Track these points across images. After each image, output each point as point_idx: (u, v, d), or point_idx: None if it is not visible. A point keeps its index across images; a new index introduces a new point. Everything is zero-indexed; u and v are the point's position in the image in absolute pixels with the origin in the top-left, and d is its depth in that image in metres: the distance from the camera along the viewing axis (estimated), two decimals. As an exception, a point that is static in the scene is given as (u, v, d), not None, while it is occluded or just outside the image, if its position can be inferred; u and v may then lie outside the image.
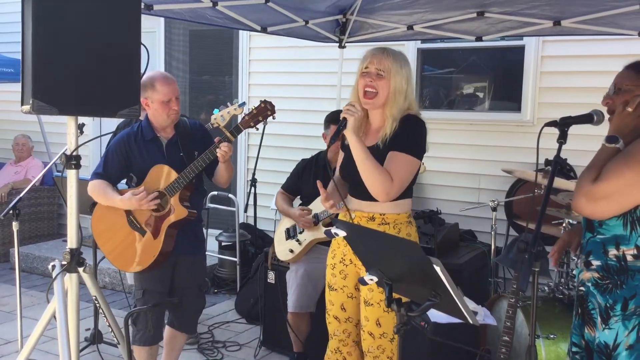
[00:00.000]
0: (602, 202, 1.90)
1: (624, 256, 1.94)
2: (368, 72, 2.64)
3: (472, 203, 4.94)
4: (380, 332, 2.66)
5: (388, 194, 2.56)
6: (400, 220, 2.69)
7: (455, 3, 4.06)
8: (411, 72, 2.72)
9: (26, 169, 6.92)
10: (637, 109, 2.01)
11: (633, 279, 1.92)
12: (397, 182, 2.56)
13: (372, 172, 2.55)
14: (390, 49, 2.69)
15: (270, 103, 3.12)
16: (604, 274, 1.99)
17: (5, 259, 6.60)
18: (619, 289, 1.94)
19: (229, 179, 3.33)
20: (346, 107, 2.58)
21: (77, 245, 2.38)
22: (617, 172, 1.88)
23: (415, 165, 2.64)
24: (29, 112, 2.12)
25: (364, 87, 2.63)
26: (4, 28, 7.28)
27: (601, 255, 2.00)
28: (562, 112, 2.23)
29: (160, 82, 3.16)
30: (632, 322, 1.90)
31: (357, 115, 2.56)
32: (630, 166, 1.87)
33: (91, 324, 4.19)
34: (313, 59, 5.81)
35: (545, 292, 3.53)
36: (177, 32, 6.88)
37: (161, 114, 3.20)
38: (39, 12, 2.07)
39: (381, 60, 2.62)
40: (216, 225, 6.12)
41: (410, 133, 2.63)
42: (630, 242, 1.92)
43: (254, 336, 4.59)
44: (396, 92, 2.61)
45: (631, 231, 1.92)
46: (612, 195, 1.89)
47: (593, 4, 3.69)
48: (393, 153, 2.60)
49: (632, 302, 1.91)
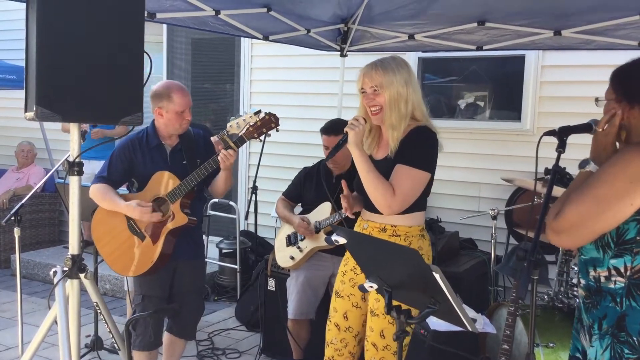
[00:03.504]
0: (564, 235, 1.87)
1: (599, 277, 1.93)
2: (365, 92, 2.65)
3: (473, 211, 4.96)
4: (383, 344, 2.64)
5: (390, 206, 2.56)
6: (412, 233, 2.66)
7: (456, 14, 4.09)
8: (411, 75, 2.66)
9: (28, 176, 6.93)
10: (607, 128, 1.95)
11: (605, 299, 1.92)
12: (400, 196, 2.54)
13: (375, 185, 2.55)
14: (380, 61, 2.65)
15: (275, 116, 3.14)
16: (587, 293, 2.00)
17: (6, 265, 6.61)
18: (595, 309, 1.95)
19: (225, 190, 3.34)
20: (350, 121, 2.60)
21: (78, 252, 2.40)
22: (574, 206, 1.83)
23: (421, 178, 2.60)
24: (32, 119, 2.13)
25: (368, 106, 2.64)
26: (7, 35, 7.33)
27: (585, 275, 2.00)
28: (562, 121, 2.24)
29: (177, 93, 3.20)
30: (606, 342, 1.90)
31: (359, 129, 2.56)
32: (585, 200, 1.82)
33: (91, 331, 4.19)
34: (314, 68, 5.84)
35: (545, 301, 3.54)
36: (179, 40, 6.91)
37: (174, 124, 3.23)
38: (44, 20, 2.08)
39: (371, 77, 2.61)
40: (217, 233, 6.13)
41: (417, 145, 2.61)
42: (604, 265, 1.91)
43: (254, 343, 4.59)
44: (392, 101, 2.59)
45: (603, 254, 1.91)
46: (570, 229, 1.85)
47: (593, 19, 3.72)
48: (398, 166, 2.59)
49: (605, 322, 1.92)
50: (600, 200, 1.81)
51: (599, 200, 1.81)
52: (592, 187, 1.84)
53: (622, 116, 1.93)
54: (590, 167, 1.97)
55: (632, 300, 1.86)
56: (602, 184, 1.83)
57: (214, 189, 3.38)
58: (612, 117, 1.95)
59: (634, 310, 1.86)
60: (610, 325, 1.90)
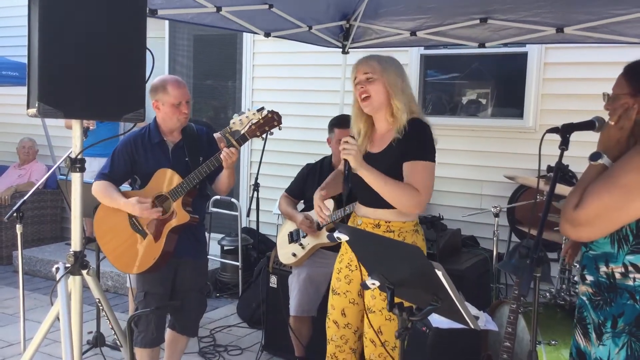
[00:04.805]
0: (584, 227, 1.86)
1: (612, 274, 1.91)
2: (358, 81, 2.69)
3: (475, 209, 4.95)
4: (381, 340, 2.65)
5: (420, 204, 2.59)
6: (405, 229, 2.68)
7: (458, 9, 4.08)
8: (402, 71, 2.73)
9: (30, 172, 6.94)
10: (620, 121, 1.95)
11: (621, 297, 1.89)
12: (424, 190, 2.57)
13: (397, 192, 2.55)
14: (376, 54, 2.74)
15: (278, 114, 3.13)
16: (596, 290, 1.97)
17: (8, 261, 6.62)
18: (609, 307, 1.92)
19: (229, 187, 3.33)
20: (342, 148, 2.54)
21: (80, 248, 2.40)
22: (597, 197, 1.82)
23: (432, 169, 2.65)
24: (34, 116, 2.13)
25: (359, 94, 2.67)
26: (10, 32, 7.33)
27: (593, 271, 1.98)
28: (565, 118, 2.23)
29: (172, 85, 3.22)
30: (622, 340, 1.87)
31: (355, 150, 2.52)
32: (610, 190, 1.81)
33: (93, 327, 4.20)
34: (316, 65, 5.83)
35: (547, 299, 3.53)
36: (181, 36, 6.91)
37: (171, 117, 3.24)
38: (46, 16, 2.08)
39: (366, 64, 2.68)
40: (219, 230, 6.14)
41: (419, 138, 2.64)
42: (618, 260, 1.89)
43: (256, 340, 4.59)
44: (393, 85, 2.64)
45: (618, 249, 1.89)
46: (593, 221, 1.84)
47: (596, 12, 3.70)
48: (408, 164, 2.60)
49: (621, 320, 1.89)
50: (626, 190, 1.80)
51: (624, 190, 1.80)
52: (616, 177, 1.83)
53: (638, 110, 1.93)
54: (604, 161, 1.95)
55: None
56: (627, 174, 1.81)
57: (217, 187, 3.38)
58: (627, 111, 1.94)
59: None
60: (628, 323, 1.87)
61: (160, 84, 3.23)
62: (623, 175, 1.82)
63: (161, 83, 3.23)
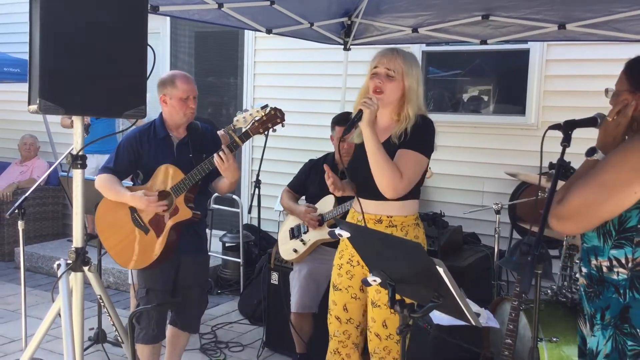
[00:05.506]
0: (567, 221, 1.90)
1: (600, 267, 1.94)
2: (377, 72, 2.65)
3: (476, 206, 4.94)
4: (386, 334, 2.67)
5: (396, 189, 2.56)
6: (407, 223, 2.69)
7: (460, 6, 4.07)
8: (420, 73, 2.73)
9: (31, 169, 6.95)
10: (618, 118, 1.97)
11: (608, 290, 1.93)
12: (406, 179, 2.57)
13: (383, 166, 2.55)
14: (401, 50, 2.70)
15: (281, 111, 3.13)
16: (589, 282, 2.01)
17: (10, 258, 6.63)
18: (598, 299, 1.96)
19: (229, 189, 3.30)
20: (363, 100, 2.58)
21: (82, 245, 2.40)
22: (577, 193, 1.86)
23: (424, 164, 2.65)
24: (35, 112, 2.14)
25: (374, 87, 2.64)
26: (11, 28, 7.32)
27: (587, 264, 2.01)
28: (567, 115, 2.23)
29: (181, 79, 3.26)
30: (608, 332, 1.91)
31: (373, 108, 2.55)
32: (591, 186, 1.85)
33: (95, 324, 4.21)
34: (318, 61, 5.82)
35: (548, 295, 3.53)
36: (182, 33, 6.90)
37: (178, 112, 3.25)
38: (47, 13, 2.08)
39: (391, 60, 2.64)
40: (220, 226, 6.13)
41: (419, 132, 2.64)
42: (605, 254, 1.92)
43: (257, 337, 4.60)
44: (411, 90, 2.63)
45: (604, 244, 1.92)
46: (575, 216, 1.87)
47: (597, 9, 3.69)
48: (402, 150, 2.61)
49: (608, 312, 1.92)
50: (605, 187, 1.83)
51: (603, 187, 1.83)
52: (598, 174, 1.86)
53: (635, 107, 1.94)
54: (597, 156, 1.98)
55: (635, 292, 1.87)
56: (607, 171, 1.85)
57: (218, 186, 3.35)
58: (625, 108, 1.96)
59: (638, 302, 1.86)
60: (614, 316, 1.91)
61: (170, 78, 3.28)
62: (603, 173, 1.86)
63: (170, 77, 3.28)
